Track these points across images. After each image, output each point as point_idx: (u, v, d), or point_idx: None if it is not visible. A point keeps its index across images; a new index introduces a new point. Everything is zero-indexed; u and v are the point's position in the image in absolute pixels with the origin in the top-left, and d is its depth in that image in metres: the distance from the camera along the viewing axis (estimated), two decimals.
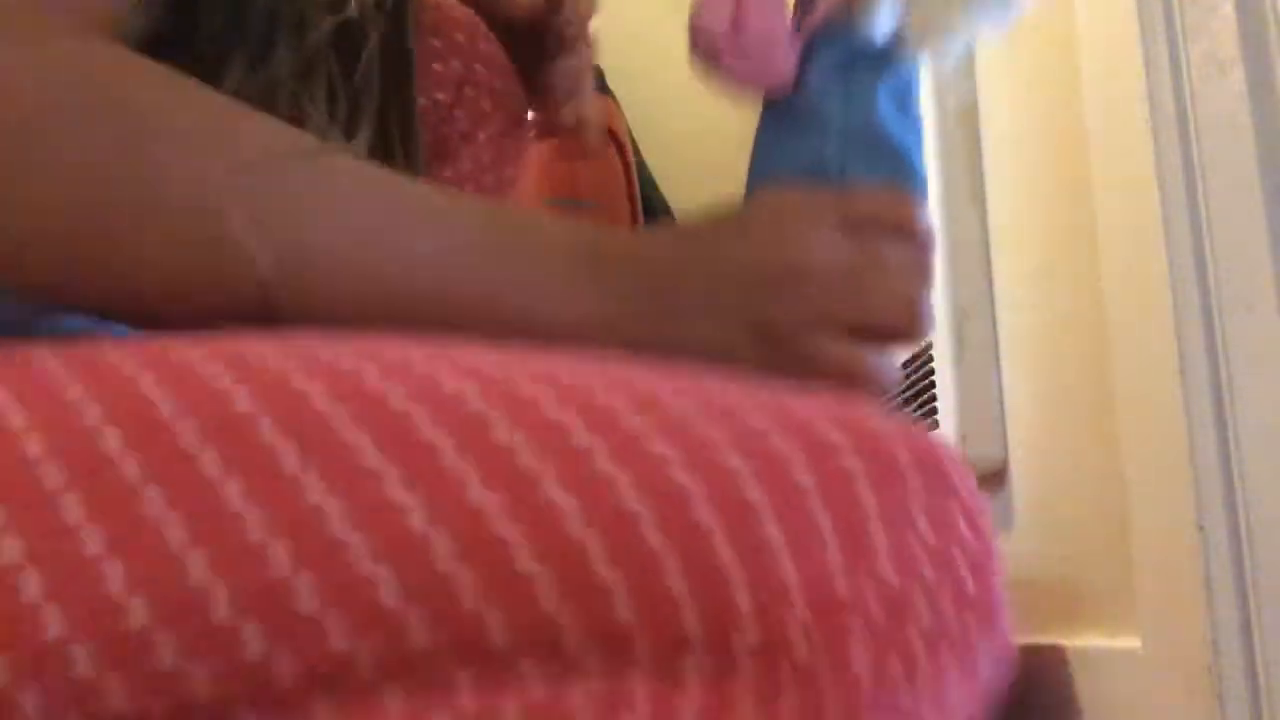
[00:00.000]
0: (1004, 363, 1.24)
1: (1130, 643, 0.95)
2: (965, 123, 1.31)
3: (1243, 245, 0.86)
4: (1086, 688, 1.04)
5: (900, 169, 0.50)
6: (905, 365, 1.39)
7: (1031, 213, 1.19)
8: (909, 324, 0.46)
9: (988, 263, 1.28)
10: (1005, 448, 1.23)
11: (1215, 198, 0.88)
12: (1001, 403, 1.24)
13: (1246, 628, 0.82)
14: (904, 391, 1.40)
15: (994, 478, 1.25)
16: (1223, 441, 0.85)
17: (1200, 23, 0.90)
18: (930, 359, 1.31)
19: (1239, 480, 0.84)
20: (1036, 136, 1.18)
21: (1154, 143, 0.91)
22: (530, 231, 0.44)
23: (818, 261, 0.45)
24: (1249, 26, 0.87)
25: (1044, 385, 1.16)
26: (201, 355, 0.31)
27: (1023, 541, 1.19)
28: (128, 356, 0.31)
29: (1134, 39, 0.93)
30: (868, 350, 0.46)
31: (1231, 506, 0.84)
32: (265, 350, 0.31)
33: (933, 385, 1.30)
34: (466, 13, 0.65)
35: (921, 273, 0.47)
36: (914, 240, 0.48)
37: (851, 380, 0.45)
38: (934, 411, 1.29)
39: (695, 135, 2.07)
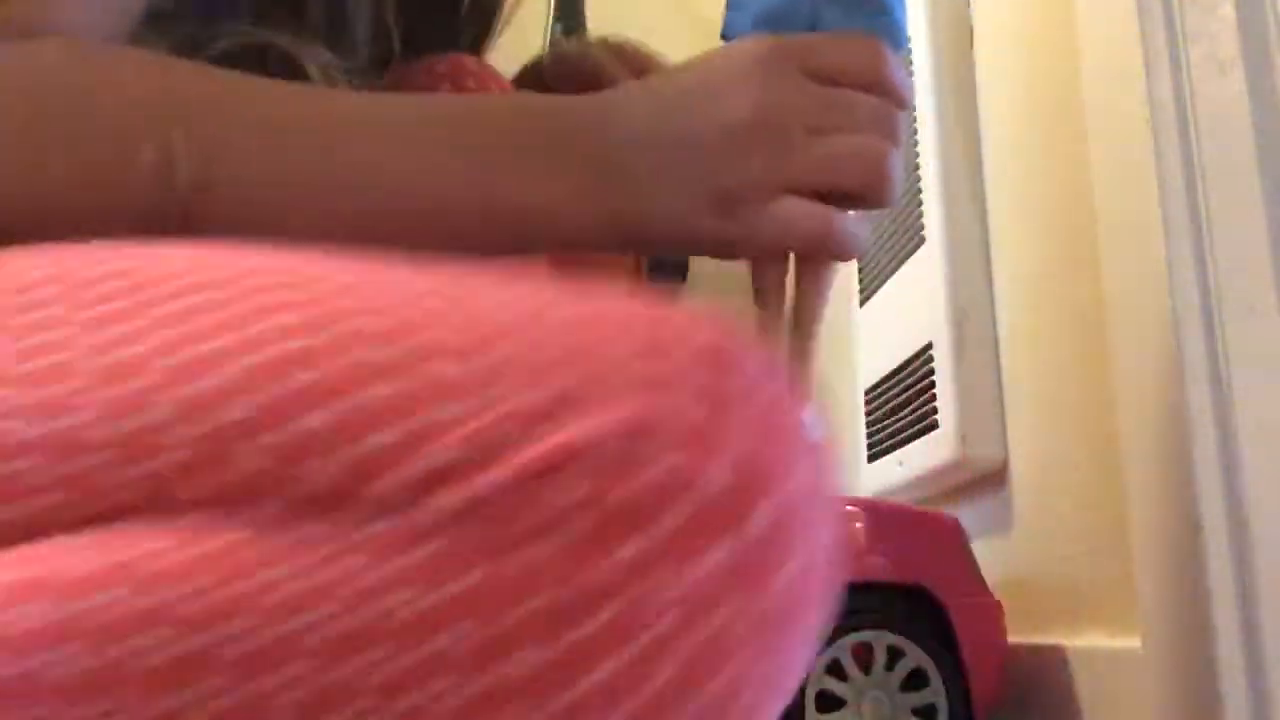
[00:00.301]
0: (1004, 363, 1.24)
1: (1130, 643, 0.95)
2: (965, 123, 1.31)
3: (1243, 245, 0.86)
4: (1086, 688, 1.04)
5: (879, 18, 0.46)
6: (905, 365, 1.39)
7: (1031, 213, 1.19)
8: (876, 185, 0.43)
9: (988, 263, 1.28)
10: (1005, 448, 1.23)
11: (1215, 198, 0.88)
12: (1001, 403, 1.24)
13: (1246, 628, 0.82)
14: (904, 391, 1.40)
15: (994, 478, 1.25)
16: (1223, 441, 0.85)
17: (1200, 23, 0.90)
18: (930, 359, 1.31)
19: (1239, 480, 0.84)
20: (1036, 136, 1.18)
21: (1154, 143, 0.91)
22: (483, 119, 0.43)
23: (779, 120, 0.42)
24: (1249, 26, 0.87)
25: (1044, 385, 1.16)
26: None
27: (1023, 541, 1.19)
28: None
29: (1134, 39, 0.93)
30: (834, 212, 0.43)
31: (1231, 506, 0.84)
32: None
33: (933, 385, 1.30)
34: (478, 61, 0.65)
35: (892, 130, 0.44)
36: (887, 95, 0.44)
37: (816, 243, 0.43)
38: (934, 411, 1.29)
39: None
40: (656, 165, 0.42)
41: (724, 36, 0.48)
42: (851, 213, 0.45)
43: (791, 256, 0.48)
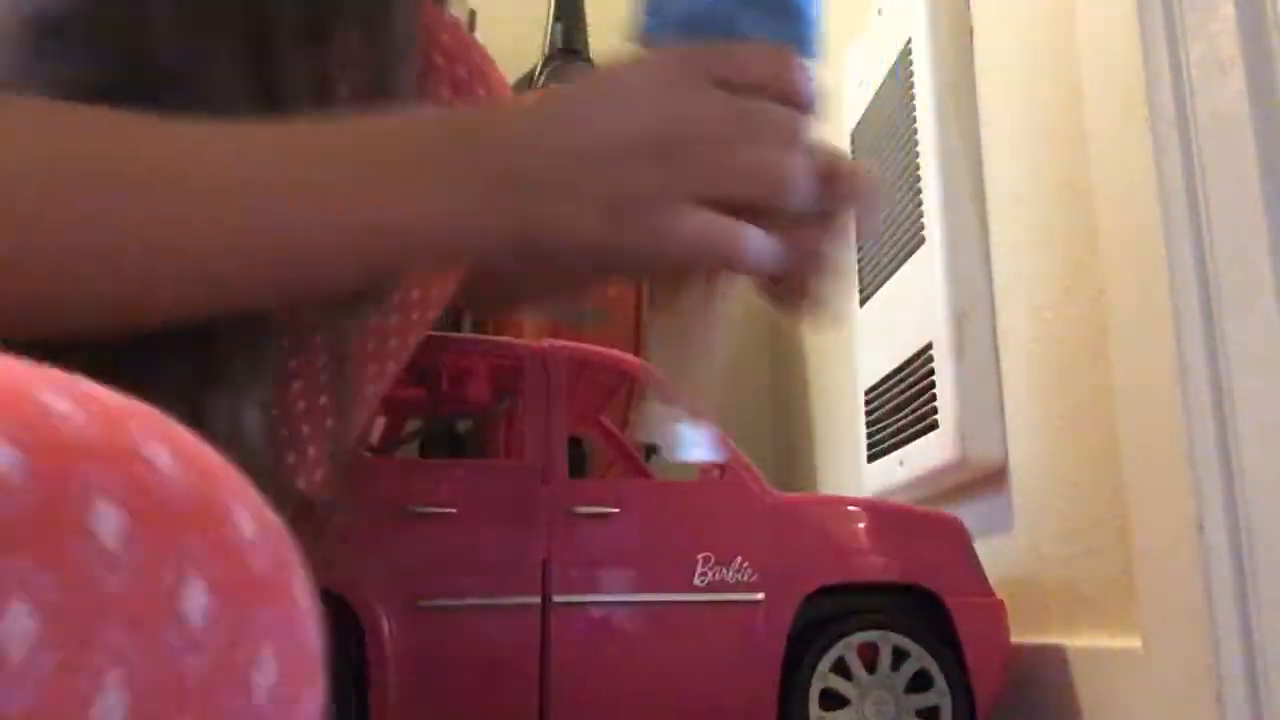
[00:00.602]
0: (1004, 363, 1.25)
1: (1130, 643, 0.95)
2: (965, 123, 1.31)
3: (1243, 245, 0.86)
4: (1086, 688, 1.04)
5: (795, 25, 0.46)
6: (905, 365, 1.39)
7: (1031, 212, 1.19)
8: (781, 196, 0.42)
9: (988, 263, 1.28)
10: (1005, 448, 1.23)
11: (1215, 198, 0.88)
12: (1001, 403, 1.24)
13: (1246, 628, 0.82)
14: (904, 391, 1.40)
15: (994, 478, 1.25)
16: (1223, 441, 0.85)
17: (1200, 23, 0.90)
18: (930, 359, 1.31)
19: (1239, 480, 0.84)
20: (1036, 136, 1.18)
21: (1154, 143, 0.91)
22: (375, 136, 0.42)
23: (683, 130, 0.42)
24: (1249, 26, 0.88)
25: (1044, 385, 1.16)
26: None
27: (1023, 541, 1.19)
28: None
29: (1134, 39, 0.93)
30: (738, 224, 0.42)
31: (1231, 506, 0.84)
32: None
33: (933, 385, 1.30)
34: (455, 31, 0.64)
35: (797, 139, 0.43)
36: (794, 104, 0.44)
37: (718, 254, 0.42)
38: (934, 411, 1.29)
39: None
40: (558, 176, 0.42)
41: (638, 40, 0.47)
42: (768, 228, 0.44)
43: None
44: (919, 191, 1.34)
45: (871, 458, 1.51)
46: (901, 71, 1.42)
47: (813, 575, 1.06)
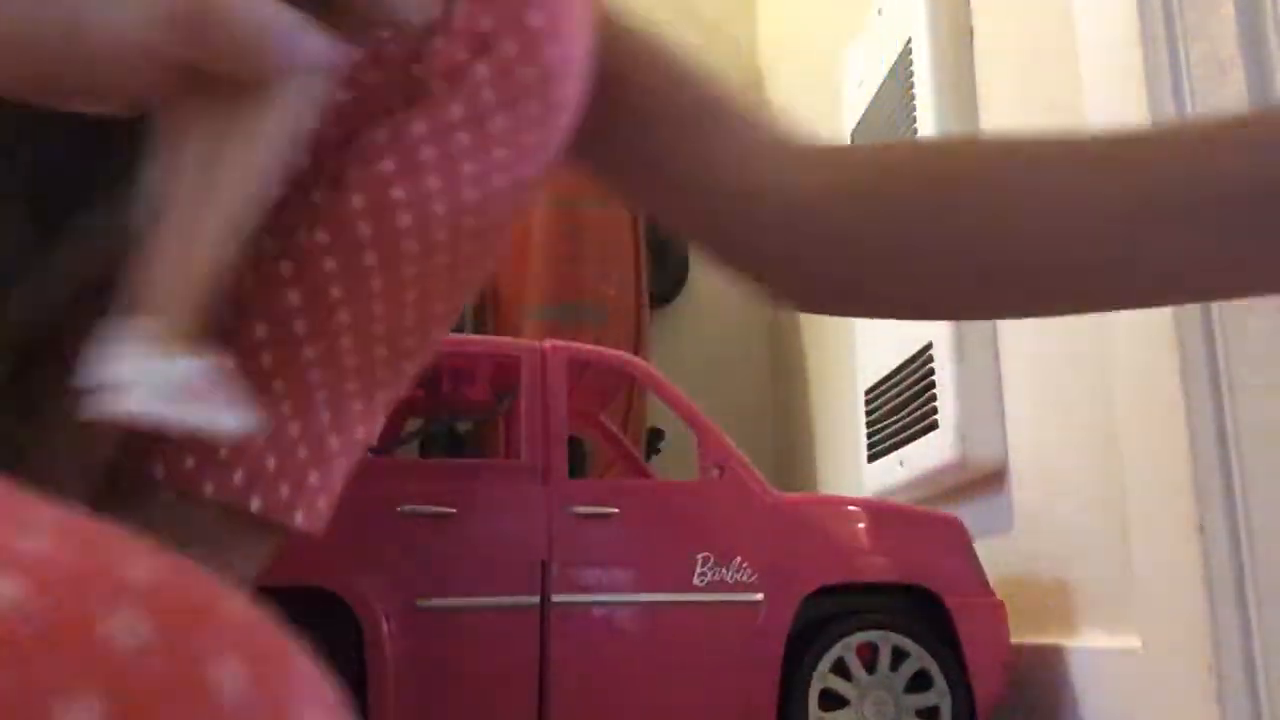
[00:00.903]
0: (1004, 363, 1.24)
1: (1130, 643, 0.95)
2: (965, 123, 1.31)
3: None
4: (1086, 688, 1.04)
5: None
6: (905, 365, 1.39)
7: None
8: None
9: None
10: (1005, 448, 1.23)
11: None
12: (1001, 403, 1.24)
13: (1246, 628, 0.82)
14: (904, 391, 1.40)
15: (994, 478, 1.25)
16: (1223, 442, 0.85)
17: (1200, 23, 0.90)
18: (930, 359, 1.31)
19: (1239, 480, 0.84)
20: None
21: None
22: None
23: None
24: (1249, 26, 0.88)
25: (1044, 385, 1.16)
26: None
27: (1023, 541, 1.19)
28: None
29: (1134, 39, 0.93)
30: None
31: (1231, 506, 0.84)
32: None
33: (933, 385, 1.30)
34: None
35: None
36: None
37: (187, 25, 0.26)
38: (934, 411, 1.29)
39: None
40: None
41: None
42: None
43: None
44: None
45: (871, 458, 1.51)
46: (901, 71, 1.41)
47: (812, 575, 1.06)
